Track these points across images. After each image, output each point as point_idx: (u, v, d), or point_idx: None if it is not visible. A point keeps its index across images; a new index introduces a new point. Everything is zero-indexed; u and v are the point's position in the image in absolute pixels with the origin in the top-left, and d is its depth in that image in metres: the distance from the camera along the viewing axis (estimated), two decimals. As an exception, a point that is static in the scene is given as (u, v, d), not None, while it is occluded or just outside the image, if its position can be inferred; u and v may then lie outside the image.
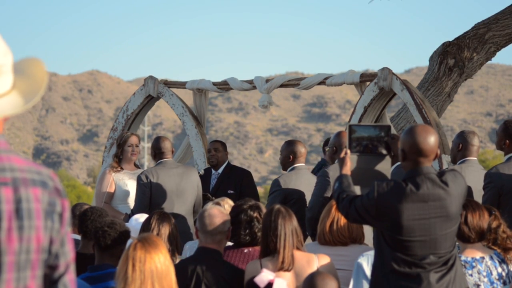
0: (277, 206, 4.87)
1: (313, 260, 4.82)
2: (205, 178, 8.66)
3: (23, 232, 2.59)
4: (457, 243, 5.16)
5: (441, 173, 4.33)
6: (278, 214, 4.78)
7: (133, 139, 8.22)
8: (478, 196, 6.49)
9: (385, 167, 4.84)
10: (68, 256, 2.71)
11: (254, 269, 4.72)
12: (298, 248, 4.81)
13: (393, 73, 8.57)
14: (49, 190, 2.67)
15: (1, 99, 2.66)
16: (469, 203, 4.97)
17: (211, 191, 8.43)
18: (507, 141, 6.65)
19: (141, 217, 6.14)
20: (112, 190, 8.11)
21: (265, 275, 4.58)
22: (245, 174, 8.57)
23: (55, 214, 2.67)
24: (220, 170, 8.52)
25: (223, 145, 8.77)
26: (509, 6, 10.32)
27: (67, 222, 2.72)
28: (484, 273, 4.86)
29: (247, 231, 5.18)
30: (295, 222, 4.83)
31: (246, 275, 4.74)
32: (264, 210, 5.29)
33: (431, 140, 4.32)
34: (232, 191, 8.24)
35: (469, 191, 6.63)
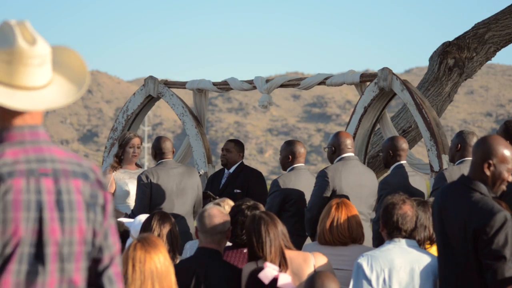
0: (258, 213, 4.87)
1: (310, 259, 4.83)
2: (217, 177, 8.60)
3: (65, 224, 2.58)
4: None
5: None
6: (260, 221, 4.77)
7: (135, 141, 8.22)
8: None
9: None
10: (112, 249, 2.70)
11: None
12: (289, 248, 4.81)
13: (393, 73, 8.57)
14: (90, 182, 2.66)
15: (46, 88, 2.65)
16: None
17: (219, 189, 8.38)
18: (508, 142, 6.64)
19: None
20: (112, 190, 8.11)
21: (269, 271, 4.56)
22: (254, 174, 8.48)
23: (97, 207, 2.66)
24: (231, 170, 8.46)
25: (237, 145, 8.54)
26: (509, 6, 10.31)
27: (110, 214, 2.70)
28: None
29: (244, 231, 5.17)
30: (279, 226, 4.81)
31: (243, 276, 4.74)
32: (262, 210, 5.28)
33: None
34: (238, 191, 8.18)
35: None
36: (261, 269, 4.57)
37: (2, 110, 2.61)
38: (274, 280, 4.55)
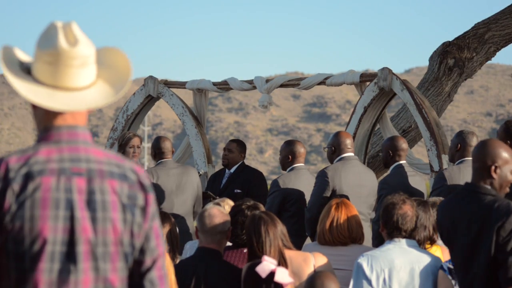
0: (258, 213, 4.87)
1: (310, 259, 4.83)
2: (218, 177, 8.59)
3: (97, 223, 2.57)
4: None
5: None
6: (259, 221, 4.76)
7: (135, 141, 8.21)
8: (478, 196, 6.47)
9: None
10: (155, 251, 2.67)
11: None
12: (289, 248, 4.81)
13: (393, 73, 8.57)
14: (129, 183, 2.65)
15: (88, 89, 2.66)
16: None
17: (220, 189, 8.38)
18: (508, 142, 6.64)
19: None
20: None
21: (266, 264, 4.56)
22: (255, 175, 8.46)
23: (136, 208, 2.64)
24: (232, 170, 8.45)
25: (239, 145, 8.53)
26: (509, 6, 10.32)
27: (151, 216, 2.67)
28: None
29: (244, 231, 5.17)
30: (279, 226, 4.80)
31: (243, 276, 4.73)
32: (262, 210, 5.27)
33: None
34: (239, 191, 8.17)
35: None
36: (258, 263, 4.57)
37: (44, 110, 2.64)
38: (272, 274, 4.54)
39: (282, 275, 4.53)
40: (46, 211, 2.52)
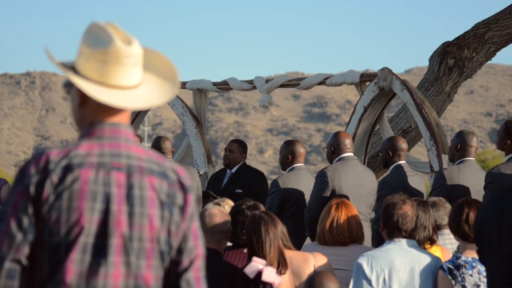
0: (258, 213, 4.87)
1: (310, 259, 4.83)
2: (219, 177, 8.59)
3: (134, 218, 2.57)
4: (458, 244, 5.17)
5: None
6: (259, 221, 4.76)
7: (135, 141, 8.22)
8: (476, 196, 6.48)
9: None
10: (192, 252, 2.68)
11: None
12: (289, 248, 4.81)
13: (393, 73, 8.57)
14: (169, 182, 2.65)
15: (138, 88, 2.68)
16: (472, 202, 4.97)
17: (221, 189, 8.38)
18: (509, 142, 6.64)
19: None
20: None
21: (254, 265, 4.57)
22: (256, 175, 8.47)
23: (174, 207, 2.64)
24: (233, 170, 8.44)
25: (241, 146, 8.53)
26: (509, 6, 10.32)
27: (189, 216, 2.66)
28: (484, 273, 4.85)
29: (244, 231, 5.17)
30: (279, 226, 4.80)
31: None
32: (262, 210, 5.27)
33: None
34: (240, 190, 8.17)
35: (467, 191, 6.64)
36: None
37: (93, 107, 2.65)
38: (260, 274, 4.54)
39: (269, 274, 4.54)
40: (83, 203, 2.54)
